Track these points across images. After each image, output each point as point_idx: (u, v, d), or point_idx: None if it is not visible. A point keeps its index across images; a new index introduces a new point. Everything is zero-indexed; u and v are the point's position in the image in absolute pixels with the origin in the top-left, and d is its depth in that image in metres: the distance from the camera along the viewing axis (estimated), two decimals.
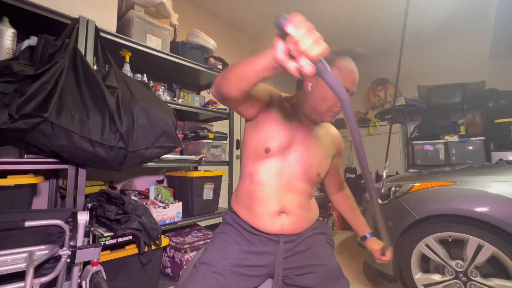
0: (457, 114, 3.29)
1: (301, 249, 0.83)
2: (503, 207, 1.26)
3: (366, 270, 2.06)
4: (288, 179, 0.83)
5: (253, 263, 0.78)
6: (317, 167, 0.87)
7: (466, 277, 1.37)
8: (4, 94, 0.85)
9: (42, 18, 1.14)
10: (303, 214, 0.86)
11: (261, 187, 0.81)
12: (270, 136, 0.81)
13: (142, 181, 1.98)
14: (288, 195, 0.82)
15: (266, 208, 0.81)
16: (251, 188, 0.83)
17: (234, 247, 0.80)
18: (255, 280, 0.79)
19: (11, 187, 1.01)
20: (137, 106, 1.16)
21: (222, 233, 0.85)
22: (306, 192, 0.87)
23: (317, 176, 0.88)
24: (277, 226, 0.81)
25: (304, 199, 0.87)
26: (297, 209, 0.83)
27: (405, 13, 1.72)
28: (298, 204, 0.84)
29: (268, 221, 0.80)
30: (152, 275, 1.36)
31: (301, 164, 0.84)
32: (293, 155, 0.84)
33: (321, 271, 0.76)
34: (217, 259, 0.75)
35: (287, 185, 0.82)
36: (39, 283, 0.77)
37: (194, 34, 1.85)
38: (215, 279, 0.71)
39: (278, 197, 0.81)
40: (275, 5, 2.88)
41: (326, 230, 0.95)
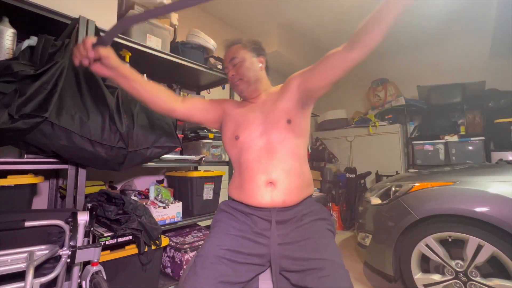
0: (457, 114, 3.29)
1: (298, 238, 0.80)
2: (503, 207, 1.26)
3: (366, 270, 2.06)
4: (268, 147, 0.87)
5: (249, 251, 0.79)
6: (282, 116, 0.91)
7: (466, 277, 1.37)
8: (4, 94, 0.85)
9: (42, 18, 1.14)
10: (293, 182, 0.85)
11: (247, 165, 0.89)
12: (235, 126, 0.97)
13: (142, 181, 1.98)
14: (274, 163, 0.85)
15: (255, 182, 0.85)
16: (240, 170, 0.91)
17: (229, 233, 0.83)
18: (252, 268, 0.79)
19: (11, 187, 1.01)
20: (137, 106, 1.16)
21: (217, 222, 0.90)
22: (291, 152, 0.88)
23: (288, 123, 0.90)
24: (267, 198, 0.83)
25: (293, 163, 0.87)
26: (285, 177, 0.85)
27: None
28: (286, 170, 0.85)
29: (257, 194, 0.84)
30: (152, 275, 1.36)
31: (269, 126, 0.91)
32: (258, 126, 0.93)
33: (323, 268, 0.72)
34: (213, 248, 0.78)
35: (268, 153, 0.87)
36: (39, 283, 0.77)
37: (194, 34, 1.85)
38: (212, 269, 0.73)
39: (263, 169, 0.85)
40: (275, 5, 2.88)
41: (327, 215, 0.91)
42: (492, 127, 2.93)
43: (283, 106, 0.92)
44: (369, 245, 1.76)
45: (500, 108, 2.91)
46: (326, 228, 0.87)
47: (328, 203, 3.19)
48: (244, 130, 0.93)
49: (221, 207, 0.94)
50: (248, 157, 0.89)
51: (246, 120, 0.96)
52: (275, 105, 0.94)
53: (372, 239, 1.73)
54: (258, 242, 0.81)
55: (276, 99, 0.96)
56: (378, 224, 1.72)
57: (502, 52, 3.16)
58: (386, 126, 3.65)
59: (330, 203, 3.22)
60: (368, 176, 3.50)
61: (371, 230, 1.76)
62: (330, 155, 3.80)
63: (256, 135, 0.92)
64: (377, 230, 1.72)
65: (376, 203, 1.78)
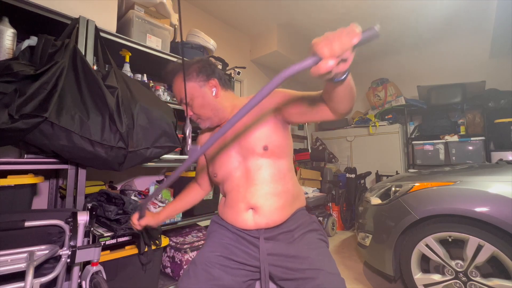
0: (457, 114, 3.29)
1: (289, 253, 0.78)
2: (503, 207, 1.26)
3: (366, 270, 2.06)
4: (246, 176, 0.85)
5: (240, 259, 0.80)
6: (257, 143, 0.82)
7: (466, 277, 1.37)
8: (4, 94, 0.85)
9: (42, 18, 1.14)
10: (275, 203, 0.82)
11: (228, 193, 0.89)
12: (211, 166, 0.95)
13: (142, 181, 1.98)
14: (252, 191, 0.83)
15: (236, 209, 0.85)
16: (224, 199, 0.93)
17: (222, 241, 0.84)
18: (243, 275, 0.80)
19: (11, 187, 1.01)
20: (137, 106, 1.16)
21: (211, 233, 0.92)
22: (270, 177, 0.82)
23: (264, 150, 0.82)
24: (250, 223, 0.82)
25: (273, 186, 0.82)
26: (265, 201, 0.81)
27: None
28: (265, 195, 0.82)
29: (240, 220, 0.83)
30: (152, 275, 1.36)
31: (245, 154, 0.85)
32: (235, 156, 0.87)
33: (317, 277, 0.71)
34: (207, 254, 0.80)
35: (247, 182, 0.84)
36: (39, 283, 0.77)
37: (194, 34, 1.86)
38: (205, 272, 0.75)
39: (241, 197, 0.84)
40: (275, 5, 2.88)
41: (317, 226, 0.88)
42: (492, 127, 2.93)
43: (258, 133, 0.83)
44: (369, 245, 1.76)
45: (500, 108, 2.91)
46: (317, 238, 0.84)
47: (328, 203, 3.18)
48: (221, 167, 0.90)
49: (215, 220, 0.96)
50: (227, 187, 0.89)
51: (220, 156, 0.91)
52: (249, 131, 0.84)
53: (372, 239, 1.73)
54: (248, 253, 0.81)
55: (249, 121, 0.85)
56: (378, 224, 1.72)
57: (502, 52, 3.16)
58: (386, 126, 3.65)
59: (330, 203, 3.22)
60: (368, 176, 3.50)
61: (371, 230, 1.76)
62: (330, 155, 3.80)
63: (234, 166, 0.87)
64: (377, 230, 1.72)
65: (376, 203, 1.78)
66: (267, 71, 3.81)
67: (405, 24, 3.20)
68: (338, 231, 3.20)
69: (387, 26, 3.23)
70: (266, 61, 3.58)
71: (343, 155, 4.01)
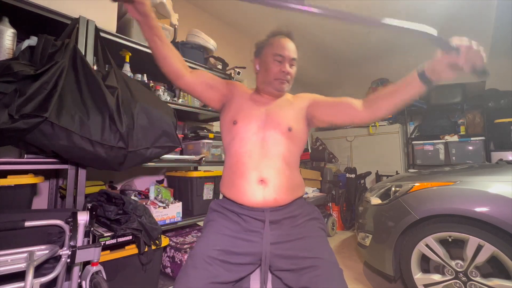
0: (457, 114, 3.30)
1: (292, 237, 0.80)
2: (503, 207, 1.26)
3: (366, 270, 2.06)
4: (261, 144, 0.87)
5: (241, 250, 0.78)
6: (285, 122, 0.91)
7: (466, 277, 1.37)
8: (4, 94, 0.85)
9: (42, 18, 1.14)
10: (283, 181, 0.85)
11: (238, 158, 0.88)
12: (237, 111, 0.95)
13: (142, 181, 1.98)
14: (264, 161, 0.85)
15: (246, 179, 0.84)
16: (231, 162, 0.90)
17: (222, 233, 0.82)
18: (244, 268, 0.79)
19: (11, 187, 1.01)
20: (137, 106, 1.15)
21: (209, 222, 0.89)
22: (282, 156, 0.88)
23: (288, 130, 0.90)
24: (259, 197, 0.82)
25: (283, 165, 0.87)
26: (276, 176, 0.84)
27: None
28: (276, 169, 0.85)
29: (249, 192, 0.83)
30: (152, 275, 1.36)
31: (269, 124, 0.90)
32: (261, 121, 0.92)
33: (317, 268, 0.72)
34: (205, 248, 0.77)
35: (261, 151, 0.86)
36: (39, 283, 0.77)
37: (194, 34, 1.85)
38: (203, 270, 0.72)
39: (255, 165, 0.85)
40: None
41: (318, 215, 0.93)
42: (492, 127, 2.93)
43: (289, 114, 0.94)
44: (369, 245, 1.76)
45: (500, 108, 2.91)
46: (318, 227, 0.88)
47: (328, 203, 3.18)
48: (244, 118, 0.92)
49: (213, 207, 0.93)
50: (240, 149, 0.89)
51: (249, 110, 0.95)
52: (282, 110, 0.95)
53: (372, 239, 1.73)
54: (251, 240, 0.80)
55: (285, 105, 0.98)
56: (378, 224, 1.72)
57: (502, 52, 3.16)
58: (386, 126, 3.65)
59: (330, 203, 3.22)
60: (368, 176, 3.50)
61: (371, 230, 1.76)
62: (330, 155, 3.80)
63: (254, 128, 0.91)
64: (377, 230, 1.72)
65: (376, 203, 1.78)
66: None
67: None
68: (338, 231, 3.20)
69: None
70: None
71: (343, 155, 4.01)
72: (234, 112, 0.96)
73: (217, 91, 1.00)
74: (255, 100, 0.99)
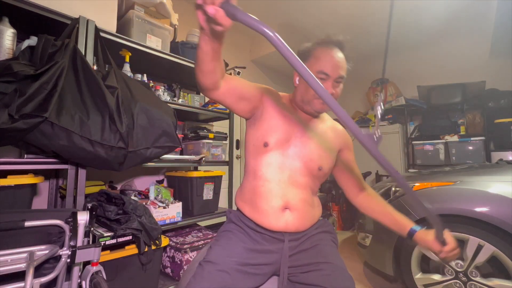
0: (457, 114, 3.29)
1: (305, 247, 0.84)
2: (503, 207, 1.26)
3: (366, 270, 2.06)
4: (290, 173, 0.84)
5: (258, 261, 0.78)
6: (317, 161, 0.87)
7: (466, 277, 1.37)
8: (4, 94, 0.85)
9: (42, 18, 1.14)
10: (307, 210, 0.85)
11: (264, 182, 0.83)
12: (268, 131, 0.85)
13: (142, 181, 1.98)
14: (291, 190, 0.83)
15: (270, 204, 0.81)
16: (255, 184, 0.85)
17: (239, 245, 0.80)
18: (260, 278, 0.78)
19: (11, 187, 1.01)
20: (137, 106, 1.15)
21: (226, 232, 0.86)
22: (308, 187, 0.87)
23: (318, 170, 0.87)
24: (281, 223, 0.81)
25: (307, 195, 0.87)
26: (300, 205, 0.83)
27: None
28: (301, 199, 0.84)
29: (272, 217, 0.81)
30: (152, 275, 1.36)
31: (301, 157, 0.86)
32: (293, 149, 0.86)
33: (326, 269, 0.76)
34: (222, 257, 0.75)
35: (289, 180, 0.83)
36: (39, 283, 0.77)
37: (194, 34, 1.85)
38: (220, 278, 0.70)
39: (281, 192, 0.82)
40: (275, 5, 2.88)
41: (331, 229, 0.94)
42: (492, 127, 2.92)
43: (323, 152, 0.89)
44: (369, 245, 1.76)
45: (500, 108, 2.90)
46: (330, 239, 0.91)
47: (328, 203, 3.18)
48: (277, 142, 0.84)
49: (232, 219, 0.89)
50: (267, 174, 0.84)
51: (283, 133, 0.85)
52: (318, 143, 0.88)
53: (372, 239, 1.73)
54: (269, 252, 0.81)
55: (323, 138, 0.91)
56: (378, 224, 1.72)
57: (502, 52, 3.16)
58: (386, 126, 3.65)
59: (330, 203, 3.21)
60: (368, 176, 3.50)
61: (371, 230, 1.76)
62: None
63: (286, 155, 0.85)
64: (377, 230, 1.72)
65: None
66: (267, 71, 3.81)
67: (405, 24, 3.20)
68: (338, 231, 3.20)
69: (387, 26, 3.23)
70: (266, 61, 3.58)
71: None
72: (265, 131, 0.85)
73: (248, 103, 0.86)
74: (290, 120, 0.87)
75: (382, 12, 2.94)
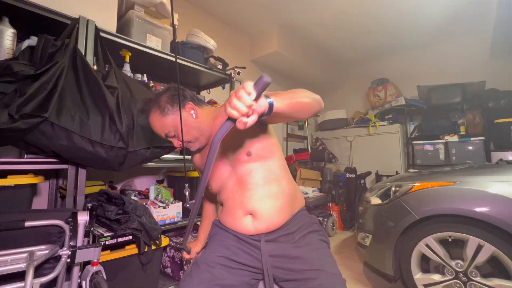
0: (457, 114, 3.29)
1: (291, 255, 0.79)
2: (503, 207, 1.26)
3: (366, 270, 2.06)
4: (239, 184, 0.84)
5: (242, 260, 0.80)
6: (241, 151, 0.83)
7: (466, 277, 1.37)
8: (4, 94, 0.85)
9: (42, 18, 1.14)
10: (271, 206, 0.81)
11: (225, 202, 0.89)
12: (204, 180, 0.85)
13: (142, 181, 1.98)
14: (247, 196, 0.82)
15: (234, 216, 0.85)
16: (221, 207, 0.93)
17: (224, 243, 0.85)
18: (246, 274, 0.80)
19: (11, 187, 1.01)
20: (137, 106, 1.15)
21: (213, 236, 0.92)
22: (262, 180, 0.82)
23: (248, 155, 0.82)
24: (250, 228, 0.82)
25: (266, 189, 0.82)
26: (262, 205, 0.81)
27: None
28: (260, 199, 0.81)
29: (240, 226, 0.83)
30: (152, 275, 1.36)
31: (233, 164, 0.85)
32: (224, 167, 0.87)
33: (318, 279, 0.72)
34: (209, 255, 0.81)
35: (240, 189, 0.84)
36: (39, 283, 0.77)
37: (194, 34, 1.85)
38: (207, 272, 0.75)
39: (238, 204, 0.84)
40: (275, 5, 2.88)
41: (317, 227, 0.89)
42: (492, 127, 2.92)
43: (239, 142, 0.84)
44: (369, 245, 1.76)
45: (500, 108, 2.91)
46: (318, 239, 0.85)
47: (328, 203, 3.18)
48: (213, 179, 0.89)
49: (215, 223, 0.96)
50: (223, 196, 0.89)
51: (204, 165, 0.86)
52: (230, 142, 0.84)
53: (372, 239, 1.73)
54: (250, 254, 0.82)
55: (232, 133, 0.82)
56: (378, 224, 1.72)
57: (502, 52, 3.16)
58: (386, 126, 3.65)
59: (330, 203, 3.22)
60: (368, 176, 3.50)
61: (371, 230, 1.76)
62: (330, 155, 3.80)
63: (226, 176, 0.87)
64: (377, 230, 1.72)
65: (376, 203, 1.78)
66: (267, 71, 3.81)
67: (405, 24, 3.20)
68: (338, 231, 3.20)
69: (387, 26, 3.23)
70: (266, 61, 3.58)
71: (343, 155, 4.01)
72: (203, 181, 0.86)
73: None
74: (205, 157, 0.92)
75: (382, 12, 2.94)
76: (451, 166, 2.48)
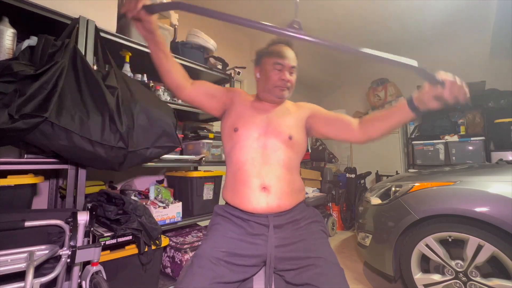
0: (457, 114, 3.29)
1: (295, 240, 0.83)
2: (503, 207, 1.26)
3: (366, 270, 2.06)
4: (263, 151, 0.89)
5: (246, 252, 0.80)
6: (286, 131, 0.93)
7: (466, 277, 1.37)
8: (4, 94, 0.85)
9: (42, 18, 1.14)
10: (285, 187, 0.87)
11: (240, 166, 0.89)
12: (237, 118, 0.96)
13: (142, 181, 1.98)
14: (267, 168, 0.87)
15: (249, 186, 0.86)
16: (233, 170, 0.92)
17: (227, 235, 0.83)
18: (248, 270, 0.80)
19: (11, 187, 1.01)
20: (137, 106, 1.15)
21: (214, 225, 0.90)
22: (284, 163, 0.89)
23: (290, 139, 0.92)
24: (262, 204, 0.84)
25: (284, 171, 0.89)
26: (278, 182, 0.86)
27: None
28: (278, 176, 0.87)
29: (253, 199, 0.84)
30: (152, 275, 1.36)
31: (270, 133, 0.92)
32: (261, 129, 0.93)
33: (318, 266, 0.75)
34: (210, 249, 0.79)
35: (262, 158, 0.88)
36: (39, 283, 0.77)
37: (194, 34, 1.85)
38: (209, 269, 0.74)
39: (256, 172, 0.86)
40: (275, 5, 2.88)
41: (319, 218, 0.95)
42: (492, 127, 2.92)
43: (290, 123, 0.96)
44: (369, 245, 1.76)
45: (500, 108, 2.91)
46: (320, 229, 0.90)
47: (328, 203, 3.18)
48: (245, 125, 0.93)
49: (217, 211, 0.94)
50: (241, 157, 0.90)
51: (250, 117, 0.96)
52: (283, 118, 0.97)
53: (372, 239, 1.73)
54: (256, 243, 0.82)
55: (285, 114, 1.00)
56: (378, 224, 1.72)
57: (502, 52, 3.16)
58: None
59: (330, 203, 3.22)
60: (368, 176, 3.50)
61: (371, 230, 1.76)
62: (330, 155, 3.80)
63: (255, 135, 0.91)
64: (377, 230, 1.72)
65: (376, 203, 1.78)
66: None
67: (405, 24, 3.20)
68: (338, 231, 3.20)
69: (387, 26, 3.23)
70: None
71: (343, 155, 4.01)
72: (234, 119, 0.97)
73: (217, 100, 1.01)
74: (256, 108, 1.00)
75: (382, 12, 2.94)
76: (451, 166, 2.48)
